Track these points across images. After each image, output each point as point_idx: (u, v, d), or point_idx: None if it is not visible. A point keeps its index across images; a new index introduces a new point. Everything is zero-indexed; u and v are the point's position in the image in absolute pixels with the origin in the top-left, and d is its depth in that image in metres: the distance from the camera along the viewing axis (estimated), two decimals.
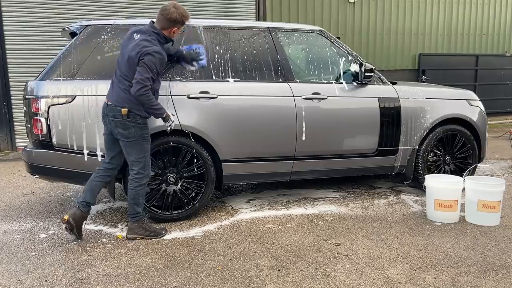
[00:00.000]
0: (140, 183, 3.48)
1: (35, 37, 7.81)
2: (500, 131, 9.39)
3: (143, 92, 3.25)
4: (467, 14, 11.51)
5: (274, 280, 2.87)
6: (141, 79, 3.23)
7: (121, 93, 3.35)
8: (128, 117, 3.34)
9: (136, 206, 3.53)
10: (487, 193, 3.81)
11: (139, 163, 3.44)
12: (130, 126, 3.36)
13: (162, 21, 3.39)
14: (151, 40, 3.33)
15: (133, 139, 3.39)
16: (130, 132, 3.37)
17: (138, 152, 3.43)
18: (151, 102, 3.31)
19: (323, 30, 4.62)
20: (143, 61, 3.24)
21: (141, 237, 3.55)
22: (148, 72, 3.25)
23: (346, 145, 4.44)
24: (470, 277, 2.88)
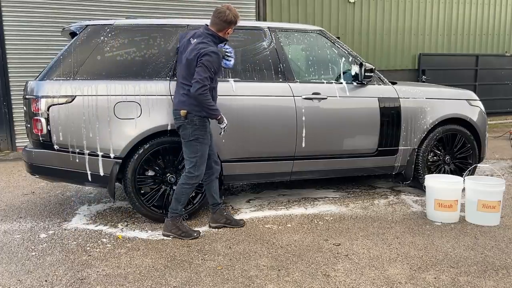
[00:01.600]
0: (188, 182, 3.57)
1: (35, 37, 7.81)
2: (500, 131, 9.39)
3: (202, 92, 3.35)
4: (467, 14, 11.51)
5: (274, 280, 2.87)
6: (200, 78, 3.34)
7: (181, 97, 3.51)
8: (186, 118, 3.47)
9: (177, 203, 3.61)
10: (487, 193, 3.81)
11: (191, 162, 3.55)
12: (187, 127, 3.50)
13: (218, 23, 3.49)
14: (207, 42, 3.45)
15: (188, 139, 3.52)
16: (186, 133, 3.52)
17: (191, 152, 3.54)
18: (208, 102, 3.41)
19: (323, 30, 4.62)
20: (201, 61, 3.35)
21: (173, 235, 3.60)
22: (207, 72, 3.36)
23: (346, 145, 4.44)
24: (470, 277, 2.88)
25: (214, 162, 3.77)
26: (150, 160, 3.88)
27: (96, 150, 3.77)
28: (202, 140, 3.54)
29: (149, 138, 3.84)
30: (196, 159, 3.54)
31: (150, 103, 3.84)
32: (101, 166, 3.79)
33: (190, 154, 3.55)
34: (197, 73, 3.36)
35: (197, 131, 3.50)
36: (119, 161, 3.80)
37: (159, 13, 8.40)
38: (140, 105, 3.82)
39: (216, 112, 3.49)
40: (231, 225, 3.83)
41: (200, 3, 8.73)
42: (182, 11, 8.59)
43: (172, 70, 3.97)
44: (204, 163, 3.60)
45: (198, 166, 3.56)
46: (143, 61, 3.95)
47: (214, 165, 3.77)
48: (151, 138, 3.85)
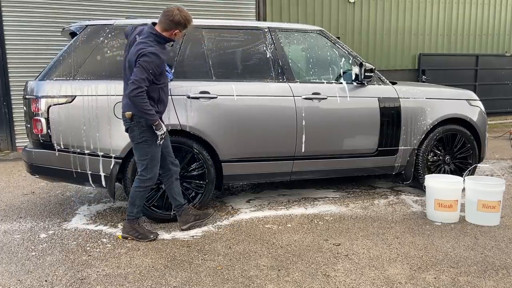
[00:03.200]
0: (141, 185, 3.50)
1: (35, 37, 7.81)
2: (500, 131, 9.39)
3: (137, 94, 3.21)
4: (467, 14, 11.51)
5: (274, 280, 2.87)
6: (136, 80, 3.21)
7: (126, 101, 3.39)
8: (132, 120, 3.36)
9: (132, 206, 3.54)
10: (487, 193, 3.81)
11: (142, 165, 3.47)
12: (134, 129, 3.40)
13: (165, 23, 3.35)
14: (147, 41, 3.30)
15: (137, 141, 3.43)
16: (133, 135, 3.42)
17: (140, 155, 3.46)
18: (144, 105, 3.26)
19: (323, 30, 4.62)
20: (139, 62, 3.23)
21: (131, 237, 3.55)
22: (144, 73, 3.22)
23: (346, 145, 4.44)
24: (470, 277, 2.88)
25: (170, 163, 3.62)
26: None
27: (96, 150, 3.77)
28: (151, 142, 3.41)
29: None
30: (147, 161, 3.44)
31: None
32: (101, 166, 3.79)
33: (140, 156, 3.45)
34: (134, 74, 3.23)
35: (144, 133, 3.38)
36: (119, 161, 3.80)
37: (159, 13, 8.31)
38: None
39: (153, 116, 3.30)
40: (201, 219, 3.73)
41: (200, 3, 8.73)
42: None
43: (172, 69, 3.97)
44: (156, 165, 3.50)
45: (150, 168, 3.46)
46: None
47: (171, 166, 3.63)
48: None
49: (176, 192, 3.69)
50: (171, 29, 3.36)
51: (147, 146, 3.43)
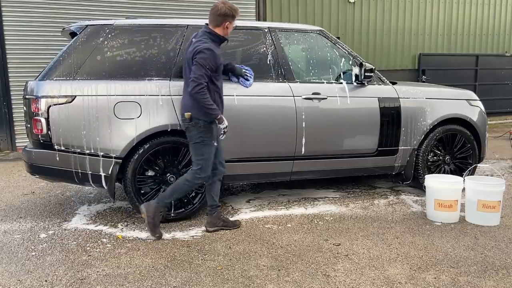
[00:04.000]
0: (192, 181, 3.56)
1: (35, 37, 7.81)
2: (500, 131, 9.39)
3: (198, 90, 3.33)
4: (467, 14, 11.51)
5: (274, 280, 2.87)
6: (195, 77, 3.33)
7: (185, 100, 3.53)
8: (191, 120, 3.47)
9: (171, 195, 3.57)
10: (487, 193, 3.81)
11: (197, 164, 3.54)
12: (192, 129, 3.50)
13: (214, 19, 3.49)
14: (202, 39, 3.45)
15: (194, 141, 3.51)
16: (191, 135, 3.52)
17: (197, 154, 3.54)
18: (206, 101, 3.37)
19: (323, 30, 4.62)
20: (196, 59, 3.35)
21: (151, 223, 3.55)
22: (201, 69, 3.33)
23: (346, 145, 4.44)
24: (470, 277, 2.88)
25: (219, 163, 3.73)
26: (150, 160, 3.88)
27: (96, 150, 3.77)
28: (208, 142, 3.51)
29: (149, 138, 3.84)
30: (203, 161, 3.52)
31: (150, 103, 3.84)
32: (101, 166, 3.79)
33: (197, 156, 3.54)
34: (192, 72, 3.35)
35: (202, 133, 3.48)
36: (119, 161, 3.80)
37: (159, 13, 8.40)
38: (140, 105, 3.82)
39: (215, 111, 3.42)
40: (229, 227, 3.77)
41: (200, 3, 8.73)
42: (182, 11, 8.59)
43: (172, 70, 3.97)
44: (210, 165, 3.57)
45: (205, 168, 3.54)
46: (143, 61, 3.96)
47: (219, 166, 3.73)
48: (151, 138, 3.85)
49: (215, 192, 3.74)
50: (222, 22, 3.49)
51: (203, 146, 3.51)
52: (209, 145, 3.52)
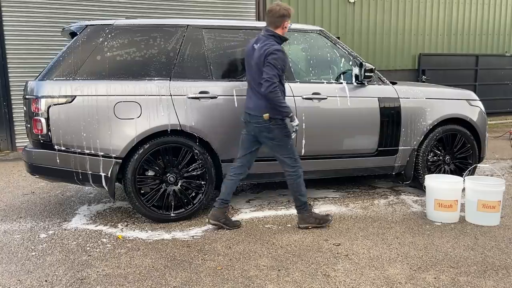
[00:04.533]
0: (297, 175, 3.69)
1: (35, 37, 7.81)
2: (500, 131, 9.39)
3: (272, 89, 3.43)
4: (467, 14, 11.51)
5: (274, 280, 2.87)
6: (268, 77, 3.43)
7: (259, 102, 3.58)
8: (270, 121, 3.55)
9: (302, 197, 3.72)
10: (487, 193, 3.81)
11: (290, 158, 3.68)
12: (273, 128, 3.58)
13: (274, 21, 3.60)
14: (269, 42, 3.55)
15: (279, 139, 3.62)
16: (274, 134, 3.60)
17: (286, 150, 3.67)
18: (279, 99, 3.49)
19: (323, 30, 4.62)
20: (268, 60, 3.45)
21: (313, 225, 3.73)
22: (274, 70, 3.44)
23: (346, 145, 4.44)
24: (470, 277, 2.88)
25: (249, 163, 3.83)
26: (150, 160, 3.88)
27: (96, 150, 3.77)
28: (289, 134, 3.66)
29: (149, 138, 3.85)
30: (292, 153, 3.68)
31: (150, 103, 3.84)
32: (101, 166, 3.79)
33: (286, 152, 3.67)
34: (265, 72, 3.45)
35: (284, 129, 3.63)
36: (119, 161, 3.80)
37: (159, 13, 8.40)
38: (140, 105, 3.82)
39: (288, 109, 3.55)
40: (228, 226, 3.78)
41: (200, 3, 8.73)
42: (182, 11, 8.59)
43: (172, 70, 3.97)
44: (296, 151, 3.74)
45: (296, 157, 3.71)
46: (143, 61, 3.96)
47: (248, 164, 3.83)
48: (151, 138, 3.85)
49: (232, 188, 3.83)
50: (281, 23, 3.62)
51: (288, 140, 3.67)
52: (290, 137, 3.67)
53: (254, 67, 3.58)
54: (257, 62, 3.54)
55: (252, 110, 3.63)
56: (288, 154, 3.68)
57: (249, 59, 3.67)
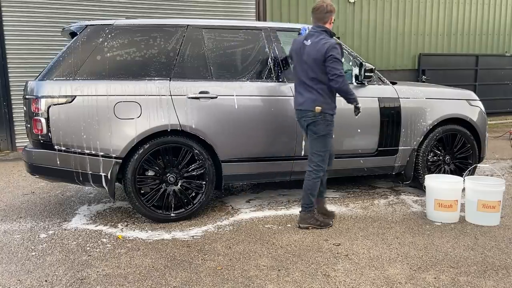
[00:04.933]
0: (318, 175, 3.75)
1: (35, 37, 7.80)
2: (500, 131, 9.39)
3: (344, 82, 3.58)
4: (467, 14, 11.51)
5: (274, 280, 2.87)
6: (339, 72, 3.54)
7: (311, 96, 3.66)
8: (320, 115, 3.64)
9: (312, 197, 3.76)
10: (487, 193, 3.81)
11: (320, 156, 3.73)
12: (320, 123, 3.66)
13: (323, 17, 3.71)
14: (324, 37, 3.65)
15: (320, 134, 3.69)
16: (319, 129, 3.67)
17: (322, 146, 3.72)
18: (350, 89, 3.65)
19: None
20: (332, 56, 3.54)
21: (312, 226, 3.75)
22: (339, 64, 3.57)
23: (346, 145, 4.44)
24: (470, 277, 2.88)
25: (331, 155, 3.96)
26: (150, 160, 3.88)
27: (96, 150, 3.77)
28: (332, 134, 3.75)
29: (149, 138, 3.85)
30: (325, 153, 3.74)
31: (150, 103, 3.84)
32: (101, 167, 3.79)
33: (321, 148, 3.71)
34: (333, 68, 3.53)
35: (329, 126, 3.70)
36: (119, 161, 3.80)
37: (159, 13, 8.40)
38: (140, 105, 3.82)
39: (355, 96, 3.71)
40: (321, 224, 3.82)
41: (200, 3, 8.73)
42: (182, 11, 8.59)
43: (172, 70, 3.98)
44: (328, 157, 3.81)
45: (326, 159, 3.78)
46: (143, 61, 3.96)
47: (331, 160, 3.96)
48: (151, 138, 3.85)
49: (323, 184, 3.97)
50: (328, 19, 3.74)
51: (329, 138, 3.73)
52: (331, 137, 3.76)
53: (309, 62, 3.64)
54: (314, 58, 3.60)
55: (302, 106, 3.71)
56: (321, 152, 3.73)
57: (300, 56, 3.72)
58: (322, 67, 3.58)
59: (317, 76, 3.62)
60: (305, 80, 3.68)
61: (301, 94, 3.73)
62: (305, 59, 3.65)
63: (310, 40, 3.66)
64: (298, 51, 3.74)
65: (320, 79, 3.62)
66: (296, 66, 3.80)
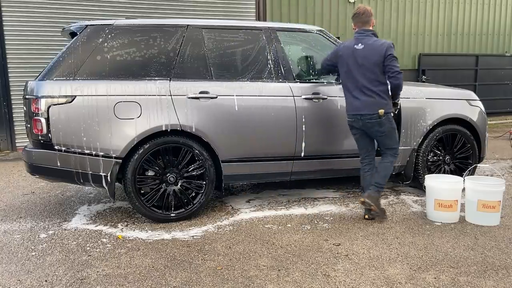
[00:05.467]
0: (394, 160, 4.01)
1: (35, 37, 7.81)
2: (500, 131, 9.39)
3: (402, 80, 3.80)
4: (467, 14, 11.52)
5: (274, 280, 2.87)
6: (399, 69, 3.76)
7: (373, 99, 3.82)
8: (384, 116, 3.82)
9: (386, 178, 3.96)
10: (487, 193, 3.81)
11: (394, 149, 4.00)
12: (385, 123, 3.85)
13: (368, 19, 3.95)
14: (376, 38, 3.91)
15: (389, 131, 3.91)
16: (385, 128, 3.88)
17: (393, 141, 3.98)
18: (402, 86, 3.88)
19: (323, 30, 4.62)
20: (391, 55, 3.75)
21: (375, 208, 3.89)
22: (397, 61, 3.80)
23: (346, 145, 4.44)
24: (470, 277, 2.88)
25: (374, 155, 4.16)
26: (150, 160, 3.88)
27: (96, 150, 3.77)
28: (396, 126, 3.99)
29: (149, 138, 3.85)
30: (396, 143, 3.99)
31: (150, 103, 3.84)
32: (101, 167, 3.79)
33: (392, 141, 3.96)
34: (394, 66, 3.74)
35: (392, 121, 3.92)
36: (119, 161, 3.80)
37: (159, 13, 8.40)
38: (140, 105, 3.82)
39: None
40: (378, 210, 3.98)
41: (200, 3, 8.74)
42: (182, 11, 8.59)
43: (172, 70, 3.97)
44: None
45: (398, 147, 4.02)
46: (143, 61, 3.96)
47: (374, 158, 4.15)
48: (151, 138, 3.85)
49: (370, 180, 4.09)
50: (371, 21, 4.01)
51: (395, 131, 3.98)
52: (396, 128, 4.00)
53: (367, 65, 3.79)
54: (374, 60, 3.77)
55: (362, 110, 3.84)
56: (394, 145, 3.97)
57: (354, 60, 3.86)
58: (382, 67, 3.77)
59: (377, 78, 3.78)
60: (365, 83, 3.81)
61: (358, 98, 3.85)
62: (362, 62, 3.81)
63: (362, 44, 3.84)
64: (351, 56, 3.87)
65: (379, 80, 3.79)
66: (349, 71, 3.89)
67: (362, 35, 3.90)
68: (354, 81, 3.86)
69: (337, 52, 4.03)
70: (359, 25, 3.95)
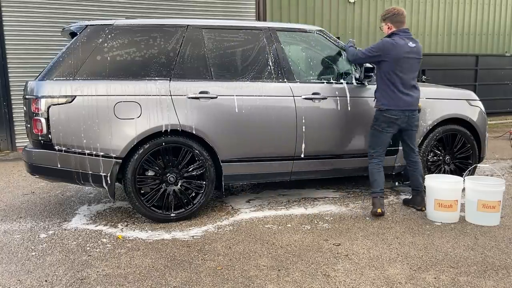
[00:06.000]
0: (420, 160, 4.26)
1: (35, 37, 7.81)
2: (500, 131, 9.39)
3: None
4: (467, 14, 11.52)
5: (274, 280, 2.87)
6: None
7: (416, 95, 4.06)
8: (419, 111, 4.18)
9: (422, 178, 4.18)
10: (487, 193, 3.81)
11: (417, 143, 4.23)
12: (418, 117, 4.16)
13: (404, 19, 4.08)
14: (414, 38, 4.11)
15: (417, 126, 4.17)
16: (417, 122, 4.15)
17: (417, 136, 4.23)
18: None
19: (323, 30, 4.62)
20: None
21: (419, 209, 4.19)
22: None
23: (346, 145, 4.44)
24: (470, 277, 2.88)
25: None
26: (150, 160, 3.88)
27: (96, 150, 3.77)
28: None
29: (149, 138, 3.85)
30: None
31: (150, 103, 3.84)
32: (101, 167, 3.79)
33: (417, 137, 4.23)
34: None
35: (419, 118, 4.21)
36: (119, 161, 3.80)
37: (159, 13, 8.40)
38: (140, 105, 3.82)
39: None
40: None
41: (200, 3, 8.74)
42: (182, 11, 8.59)
43: (172, 70, 3.97)
44: None
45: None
46: (143, 61, 3.96)
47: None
48: (151, 138, 3.85)
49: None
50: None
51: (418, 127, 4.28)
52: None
53: (416, 63, 4.03)
54: (419, 58, 4.04)
55: (413, 106, 4.03)
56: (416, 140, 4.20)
57: (408, 58, 3.97)
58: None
59: (416, 75, 4.07)
60: (412, 80, 4.01)
61: (409, 95, 4.00)
62: (413, 60, 3.99)
63: (412, 42, 3.99)
64: (406, 54, 3.95)
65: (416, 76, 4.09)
66: (399, 67, 3.96)
67: (409, 34, 4.03)
68: (404, 78, 3.98)
69: (385, 47, 3.97)
70: (398, 25, 4.02)
